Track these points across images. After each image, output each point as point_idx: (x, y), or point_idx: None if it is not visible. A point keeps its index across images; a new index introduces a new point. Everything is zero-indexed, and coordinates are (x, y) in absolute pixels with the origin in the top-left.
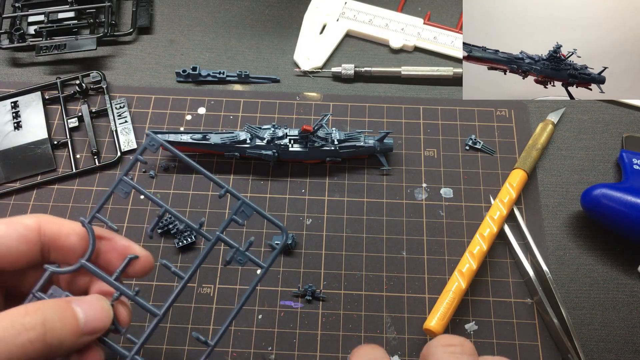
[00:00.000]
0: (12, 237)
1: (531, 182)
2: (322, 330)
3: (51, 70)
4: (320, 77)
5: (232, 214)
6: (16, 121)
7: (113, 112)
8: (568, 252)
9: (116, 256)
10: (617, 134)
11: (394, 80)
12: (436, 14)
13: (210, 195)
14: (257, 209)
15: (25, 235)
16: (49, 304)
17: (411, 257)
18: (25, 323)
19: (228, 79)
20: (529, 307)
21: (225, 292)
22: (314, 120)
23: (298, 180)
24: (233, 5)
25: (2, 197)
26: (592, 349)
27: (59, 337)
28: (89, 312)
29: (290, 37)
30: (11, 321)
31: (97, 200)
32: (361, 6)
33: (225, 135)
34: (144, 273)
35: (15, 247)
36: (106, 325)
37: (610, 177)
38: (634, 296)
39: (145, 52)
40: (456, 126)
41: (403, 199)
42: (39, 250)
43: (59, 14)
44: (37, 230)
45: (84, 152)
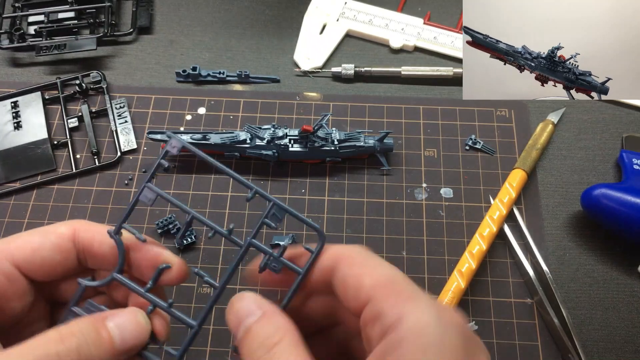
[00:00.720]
0: (46, 247)
1: (531, 182)
2: None
3: (51, 70)
4: (320, 77)
5: (263, 216)
6: (16, 121)
7: (113, 112)
8: (568, 252)
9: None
10: (617, 134)
11: (394, 80)
12: (436, 14)
13: (211, 195)
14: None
15: (59, 244)
16: (83, 326)
17: (411, 257)
18: (60, 351)
19: (228, 79)
20: (529, 307)
21: (225, 292)
22: (314, 120)
23: (298, 180)
24: (233, 5)
25: (2, 197)
26: (592, 349)
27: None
28: (124, 330)
29: (290, 37)
30: (46, 350)
31: (95, 201)
32: (361, 6)
33: (225, 135)
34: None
35: (50, 257)
36: (144, 341)
37: (610, 177)
38: (634, 296)
39: (145, 52)
40: (456, 126)
41: (403, 199)
42: (76, 259)
43: (59, 14)
44: (71, 238)
45: (84, 152)
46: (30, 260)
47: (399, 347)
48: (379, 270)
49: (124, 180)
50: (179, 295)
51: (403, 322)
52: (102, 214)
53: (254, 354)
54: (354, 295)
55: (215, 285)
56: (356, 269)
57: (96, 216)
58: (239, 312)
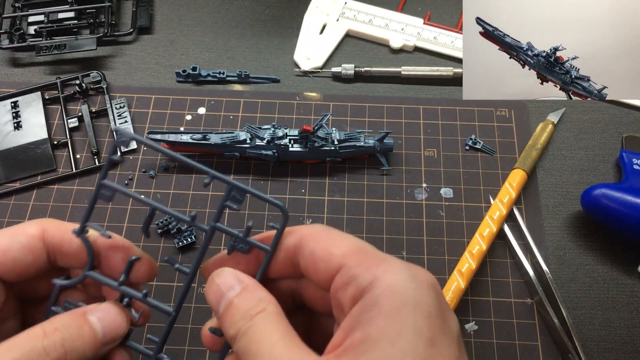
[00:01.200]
0: (16, 249)
1: (531, 182)
2: None
3: (51, 70)
4: (320, 77)
5: (223, 200)
6: (16, 121)
7: (113, 112)
8: (568, 252)
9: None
10: (617, 134)
11: (394, 80)
12: (436, 14)
13: (211, 195)
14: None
15: (29, 245)
16: (65, 321)
17: (411, 257)
18: (46, 346)
19: (228, 79)
20: (529, 307)
21: None
22: (314, 120)
23: (298, 180)
24: (233, 5)
25: (2, 197)
26: (592, 349)
27: (79, 354)
28: (105, 322)
29: (290, 37)
30: (31, 346)
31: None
32: (361, 6)
33: (225, 135)
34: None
35: (20, 258)
36: (124, 331)
37: (610, 177)
38: (634, 296)
39: (145, 52)
40: (456, 126)
41: (403, 199)
42: (46, 258)
43: (59, 14)
44: (40, 238)
45: (84, 152)
46: (1, 262)
47: (375, 305)
48: (347, 241)
49: (124, 180)
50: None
51: (377, 283)
52: (102, 214)
53: (236, 325)
54: (324, 266)
55: (185, 272)
56: (323, 242)
57: (96, 216)
58: (220, 287)
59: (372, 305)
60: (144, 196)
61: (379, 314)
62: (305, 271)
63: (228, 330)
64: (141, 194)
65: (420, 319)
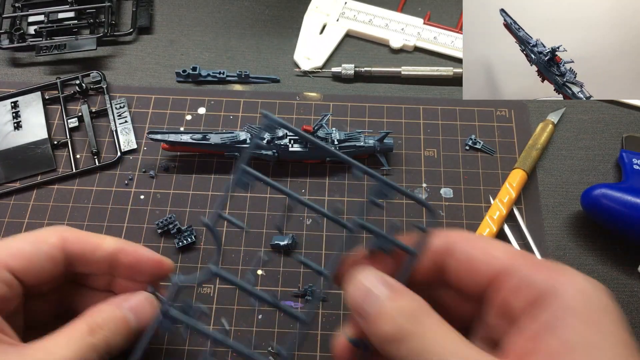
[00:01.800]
0: (40, 258)
1: (531, 182)
2: (322, 330)
3: (51, 70)
4: (320, 77)
5: (370, 194)
6: (16, 121)
7: (113, 112)
8: (568, 252)
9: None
10: (617, 134)
11: (394, 80)
12: (436, 14)
13: (211, 195)
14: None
15: (50, 254)
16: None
17: None
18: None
19: (228, 79)
20: None
21: (226, 292)
22: (314, 120)
23: (298, 180)
24: (233, 5)
25: (2, 197)
26: None
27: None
28: (140, 316)
29: (290, 37)
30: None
31: (95, 201)
32: (361, 6)
33: (225, 135)
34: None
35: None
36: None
37: (610, 177)
38: (634, 296)
39: (145, 52)
40: (456, 126)
41: (403, 199)
42: (63, 266)
43: (59, 14)
44: (61, 248)
45: (84, 152)
46: (26, 269)
47: (568, 310)
48: (503, 246)
49: (124, 180)
50: None
51: (564, 288)
52: (102, 214)
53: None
54: (484, 269)
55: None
56: (480, 245)
57: (96, 216)
58: (367, 287)
59: (565, 310)
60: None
61: (575, 320)
62: (456, 274)
63: (386, 331)
64: (141, 194)
65: (621, 327)
